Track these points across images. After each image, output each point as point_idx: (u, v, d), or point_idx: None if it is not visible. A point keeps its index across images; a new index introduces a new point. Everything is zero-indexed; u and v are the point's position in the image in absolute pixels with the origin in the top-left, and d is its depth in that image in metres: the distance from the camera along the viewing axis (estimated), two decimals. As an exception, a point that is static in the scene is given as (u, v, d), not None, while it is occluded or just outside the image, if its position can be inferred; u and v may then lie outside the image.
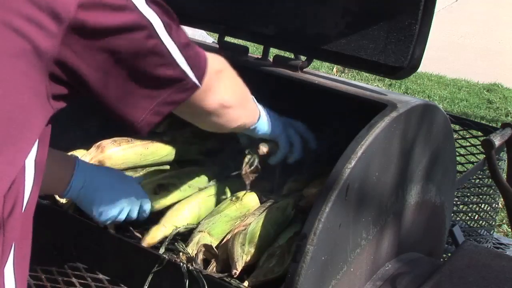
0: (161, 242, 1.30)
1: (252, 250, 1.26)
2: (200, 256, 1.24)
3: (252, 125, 1.32)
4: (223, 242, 1.32)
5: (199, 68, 0.97)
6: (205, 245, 1.26)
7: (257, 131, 1.36)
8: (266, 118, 1.37)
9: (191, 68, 0.94)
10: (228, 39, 1.65)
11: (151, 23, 0.87)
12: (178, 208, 1.39)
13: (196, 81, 0.96)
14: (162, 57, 0.89)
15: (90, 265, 1.33)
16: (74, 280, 1.31)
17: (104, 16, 0.82)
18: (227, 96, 1.12)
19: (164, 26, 0.89)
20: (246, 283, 1.20)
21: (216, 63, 1.07)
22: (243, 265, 1.22)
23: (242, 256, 1.23)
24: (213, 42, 2.58)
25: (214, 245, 1.29)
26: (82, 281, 1.31)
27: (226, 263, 1.25)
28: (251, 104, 1.30)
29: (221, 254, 1.27)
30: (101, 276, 1.31)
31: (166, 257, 1.21)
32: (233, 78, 1.17)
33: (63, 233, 1.34)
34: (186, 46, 0.94)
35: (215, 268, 1.25)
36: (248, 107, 1.28)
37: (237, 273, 1.20)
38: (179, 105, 0.96)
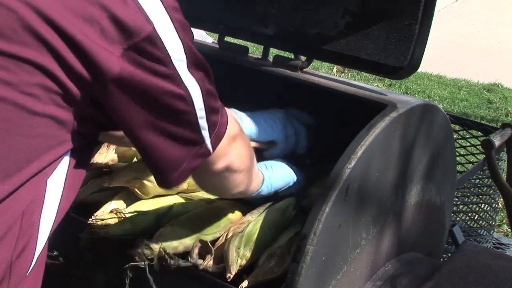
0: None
1: (248, 253, 1.25)
2: (196, 251, 1.24)
3: (254, 192, 1.30)
4: (218, 241, 1.31)
5: (218, 135, 1.00)
6: (201, 241, 1.26)
7: (261, 194, 1.34)
8: (268, 180, 1.34)
9: (210, 135, 0.97)
10: (228, 39, 1.65)
11: (189, 94, 0.90)
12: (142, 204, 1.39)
13: (211, 148, 0.99)
14: (189, 123, 0.93)
15: (88, 264, 1.33)
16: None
17: (146, 77, 0.85)
18: (235, 161, 1.10)
19: (202, 94, 0.92)
20: (245, 283, 1.19)
21: (232, 129, 1.06)
22: (237, 268, 1.22)
23: (237, 260, 1.23)
24: (213, 42, 2.58)
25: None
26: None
27: (221, 259, 1.25)
28: (255, 171, 1.26)
29: (216, 252, 1.26)
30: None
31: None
32: (244, 143, 1.15)
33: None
34: (213, 111, 0.97)
35: (211, 262, 1.24)
36: (253, 173, 1.23)
37: (231, 277, 1.20)
38: (192, 172, 0.99)
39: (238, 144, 1.10)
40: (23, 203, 0.84)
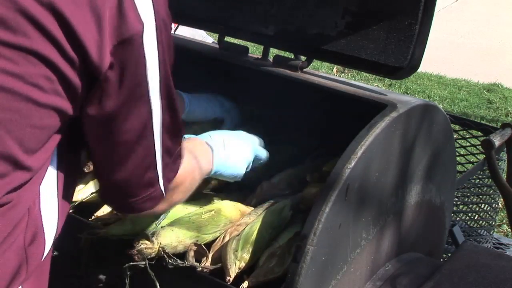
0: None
1: (246, 256, 1.25)
2: (191, 254, 1.24)
3: (207, 174, 1.26)
4: (214, 244, 1.31)
5: (168, 179, 0.99)
6: (196, 244, 1.26)
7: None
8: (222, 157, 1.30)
9: (163, 176, 0.97)
10: (228, 39, 1.65)
11: (151, 116, 0.89)
12: None
13: (163, 190, 0.99)
14: (149, 154, 0.93)
15: (88, 264, 1.33)
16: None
17: (119, 85, 0.85)
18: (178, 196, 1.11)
19: (162, 124, 0.91)
20: (246, 283, 1.19)
21: (187, 176, 1.07)
22: (236, 271, 1.22)
23: (235, 263, 1.22)
24: (213, 42, 2.58)
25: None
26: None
27: (217, 261, 1.25)
28: (200, 167, 1.20)
29: (213, 255, 1.26)
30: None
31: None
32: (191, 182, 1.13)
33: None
34: (168, 151, 0.96)
35: (208, 264, 1.24)
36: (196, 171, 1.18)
37: (230, 280, 1.20)
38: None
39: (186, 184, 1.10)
40: (30, 196, 0.86)
